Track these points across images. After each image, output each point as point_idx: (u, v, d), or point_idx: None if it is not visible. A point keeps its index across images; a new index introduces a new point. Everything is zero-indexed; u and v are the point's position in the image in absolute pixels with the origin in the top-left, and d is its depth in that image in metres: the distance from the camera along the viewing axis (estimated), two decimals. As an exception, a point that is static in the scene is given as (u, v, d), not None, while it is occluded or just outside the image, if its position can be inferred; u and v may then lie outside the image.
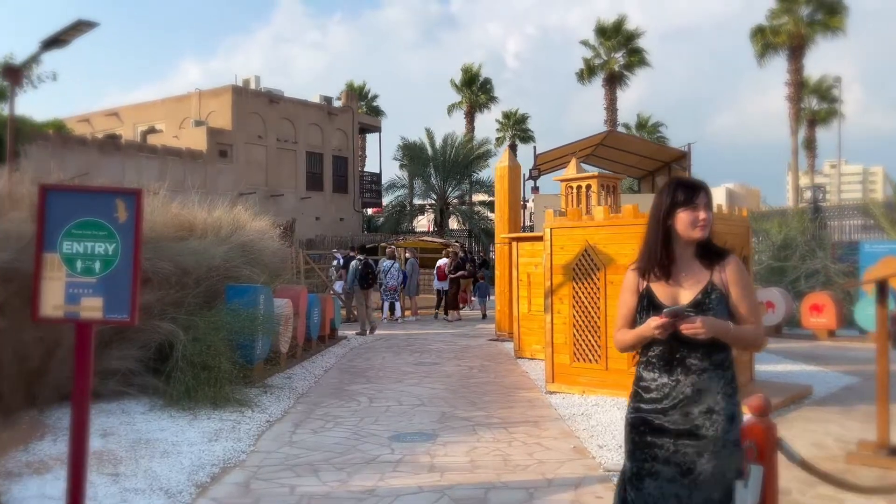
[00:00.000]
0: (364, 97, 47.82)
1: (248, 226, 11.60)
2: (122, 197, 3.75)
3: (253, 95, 32.39)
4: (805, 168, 37.97)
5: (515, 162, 13.60)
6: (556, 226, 8.04)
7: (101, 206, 3.70)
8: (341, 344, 12.81)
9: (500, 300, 13.40)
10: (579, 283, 7.83)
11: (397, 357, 11.35)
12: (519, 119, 49.24)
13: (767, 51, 29.60)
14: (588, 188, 10.49)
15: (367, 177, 39.22)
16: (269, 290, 9.03)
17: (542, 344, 10.27)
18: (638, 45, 35.92)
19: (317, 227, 33.95)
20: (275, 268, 11.28)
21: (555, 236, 8.03)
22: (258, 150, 32.12)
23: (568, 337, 7.92)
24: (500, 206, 13.37)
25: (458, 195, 37.91)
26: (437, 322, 17.47)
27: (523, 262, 10.75)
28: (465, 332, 15.31)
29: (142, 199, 3.75)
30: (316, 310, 11.56)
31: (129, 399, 7.22)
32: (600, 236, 7.68)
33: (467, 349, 12.20)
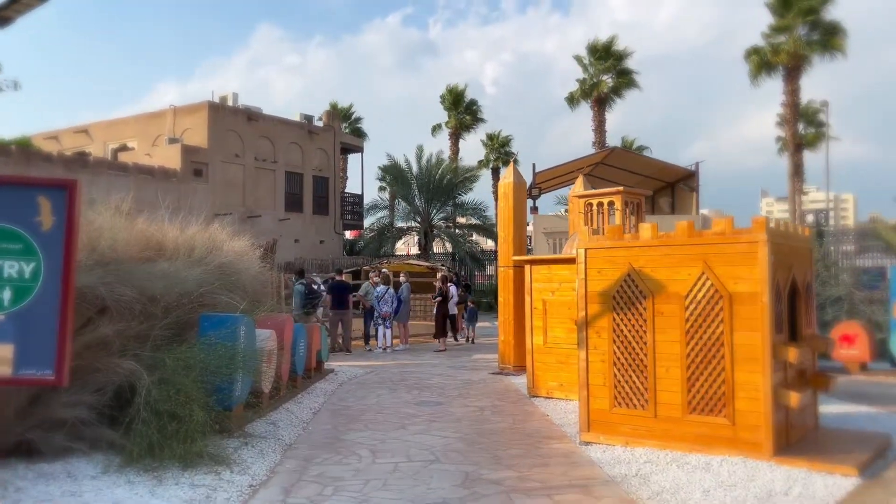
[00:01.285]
0: (348, 118, 46.75)
1: (226, 246, 10.31)
2: (47, 193, 2.49)
3: (230, 112, 31.10)
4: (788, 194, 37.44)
5: (520, 177, 12.46)
6: (592, 246, 6.85)
7: (13, 205, 2.42)
8: (329, 379, 11.46)
9: (504, 330, 12.16)
10: (621, 313, 6.64)
11: (394, 395, 10.04)
12: (503, 141, 48.42)
13: (762, 71, 28.99)
14: (611, 205, 9.37)
15: (349, 198, 37.99)
16: (251, 321, 7.73)
17: (560, 381, 9.07)
18: (627, 66, 35.29)
19: (296, 249, 32.54)
20: (256, 293, 9.96)
21: (591, 258, 6.84)
22: (235, 170, 30.76)
23: (607, 378, 6.70)
24: (504, 225, 12.19)
25: (443, 217, 36.77)
26: (428, 352, 16.16)
27: (538, 287, 9.55)
28: (461, 363, 14.03)
29: (77, 196, 2.51)
30: (302, 341, 10.24)
31: (77, 457, 5.86)
32: (647, 258, 6.51)
33: (470, 385, 10.93)
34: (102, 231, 7.15)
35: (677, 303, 6.33)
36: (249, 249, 11.26)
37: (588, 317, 6.83)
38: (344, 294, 16.13)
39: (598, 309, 6.77)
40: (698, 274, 6.24)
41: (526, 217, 12.81)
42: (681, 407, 6.29)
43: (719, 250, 6.16)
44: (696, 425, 6.21)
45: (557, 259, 9.39)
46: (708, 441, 6.15)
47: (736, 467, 5.77)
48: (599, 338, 6.75)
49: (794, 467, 5.74)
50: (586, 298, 6.84)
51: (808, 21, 27.93)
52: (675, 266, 6.36)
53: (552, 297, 9.38)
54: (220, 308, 8.13)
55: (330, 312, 16.12)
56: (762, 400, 5.92)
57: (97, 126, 34.02)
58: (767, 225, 6.01)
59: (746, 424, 5.98)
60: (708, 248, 6.22)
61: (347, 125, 45.08)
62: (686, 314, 6.29)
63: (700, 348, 6.23)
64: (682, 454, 6.15)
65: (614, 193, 9.34)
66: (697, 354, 6.24)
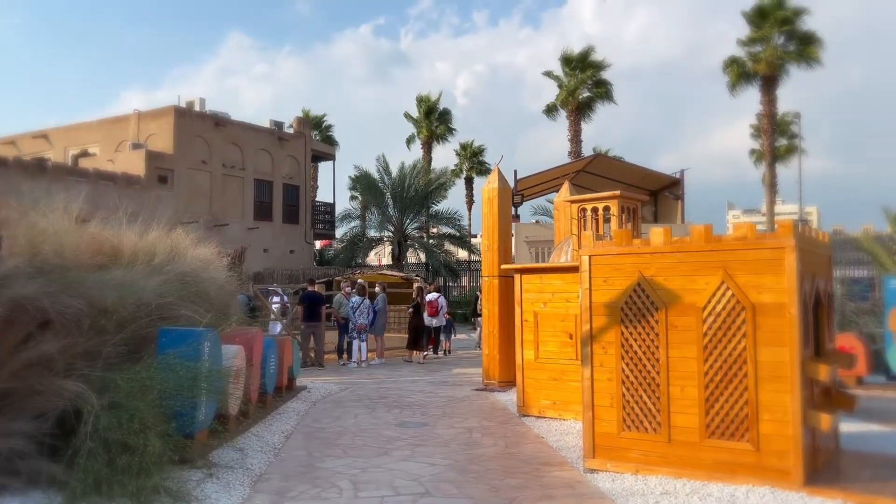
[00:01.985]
0: (319, 126, 45.91)
1: (190, 253, 9.52)
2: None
3: (197, 118, 30.12)
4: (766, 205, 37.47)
5: (505, 182, 11.84)
6: (598, 252, 6.22)
7: None
8: (301, 397, 10.67)
9: (488, 343, 11.49)
10: (630, 326, 6.01)
11: (373, 414, 9.29)
12: (476, 151, 47.98)
13: (741, 81, 28.84)
14: (606, 210, 8.78)
15: (321, 207, 37.13)
16: (216, 336, 6.95)
17: (553, 399, 8.41)
18: (603, 77, 35.05)
19: (265, 259, 31.60)
20: (223, 305, 9.16)
21: (596, 266, 6.21)
22: (202, 176, 29.77)
23: (615, 398, 6.06)
24: (489, 233, 11.55)
25: (417, 227, 36.05)
26: (408, 366, 15.43)
27: (529, 298, 8.90)
28: (441, 378, 13.32)
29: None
30: (272, 357, 9.46)
31: (12, 495, 5.04)
32: (659, 266, 5.89)
33: (454, 403, 10.23)
34: (46, 235, 6.34)
35: (693, 315, 5.72)
36: (216, 257, 10.48)
37: (593, 331, 6.18)
38: (316, 306, 15.33)
39: (604, 322, 6.14)
40: (717, 283, 5.64)
41: (511, 224, 12.18)
42: (698, 430, 5.67)
43: (741, 257, 5.57)
44: (716, 451, 5.59)
45: (550, 268, 8.77)
46: (729, 469, 5.53)
47: (765, 499, 5.16)
48: (606, 354, 6.11)
49: (828, 499, 5.14)
50: (591, 310, 6.20)
51: (784, 31, 27.89)
52: (691, 274, 5.75)
53: (544, 309, 8.74)
54: (183, 321, 7.34)
55: (301, 325, 15.32)
56: (791, 423, 5.32)
57: (57, 131, 32.80)
58: (795, 229, 5.44)
59: (773, 450, 5.38)
60: (728, 255, 5.62)
61: (319, 133, 44.28)
62: (703, 327, 5.68)
63: (720, 365, 5.62)
64: (702, 483, 5.53)
65: (610, 198, 8.75)
66: (717, 372, 5.63)
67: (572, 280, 8.50)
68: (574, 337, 8.44)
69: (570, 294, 8.52)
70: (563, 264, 8.70)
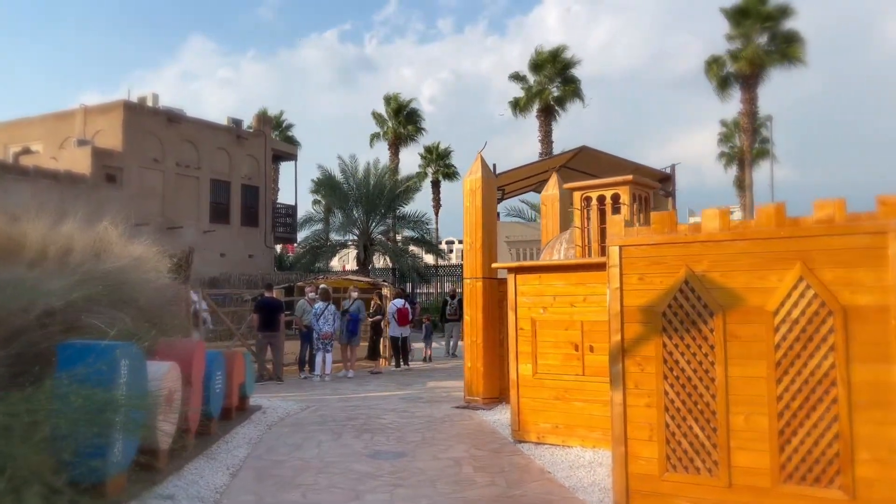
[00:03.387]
0: (279, 126, 44.15)
1: (120, 250, 7.95)
2: None
3: (149, 113, 28.20)
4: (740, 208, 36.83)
5: (489, 172, 10.46)
6: (631, 242, 4.86)
7: None
8: (255, 419, 9.13)
9: (471, 355, 10.08)
10: (675, 336, 4.66)
11: (340, 441, 7.82)
12: (442, 153, 46.59)
13: (724, 81, 27.99)
14: (615, 200, 7.46)
15: (281, 209, 35.38)
16: (139, 350, 5.43)
17: (556, 422, 7.04)
18: (573, 74, 34.04)
19: (222, 263, 29.74)
20: (158, 313, 7.59)
21: (628, 260, 4.85)
22: (154, 176, 27.85)
23: (656, 429, 4.70)
24: (472, 229, 10.16)
25: (383, 231, 34.53)
26: (376, 379, 13.94)
27: (525, 303, 7.52)
28: (416, 393, 11.87)
29: None
30: (219, 373, 7.92)
31: None
32: (714, 258, 4.56)
33: (434, 424, 8.80)
34: None
35: (762, 321, 4.40)
36: (153, 256, 8.91)
37: (625, 342, 4.82)
38: (274, 313, 13.77)
39: (639, 331, 4.78)
40: (794, 280, 4.33)
41: (496, 219, 10.82)
42: (770, 473, 4.34)
43: (826, 245, 4.27)
44: (795, 500, 4.27)
45: (552, 266, 7.40)
46: (813, 524, 4.21)
47: (872, 569, 3.84)
48: (643, 372, 4.75)
49: (955, 567, 3.85)
50: (622, 316, 4.83)
51: (766, 28, 27.13)
52: (757, 269, 4.43)
53: (543, 315, 7.37)
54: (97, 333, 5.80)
55: (258, 335, 13.75)
56: (898, 464, 4.03)
57: (-3, 127, 30.55)
58: (900, 207, 4.15)
59: (875, 499, 4.07)
60: (808, 243, 4.32)
61: (279, 133, 42.53)
62: (776, 338, 4.36)
63: (798, 387, 4.30)
64: (779, 545, 4.20)
65: (620, 184, 7.43)
66: (794, 396, 4.31)
67: (577, 281, 7.17)
68: (580, 348, 7.09)
69: (575, 297, 7.17)
70: (568, 262, 7.35)
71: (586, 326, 7.07)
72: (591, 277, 7.03)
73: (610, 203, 7.53)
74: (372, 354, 15.12)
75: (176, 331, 8.39)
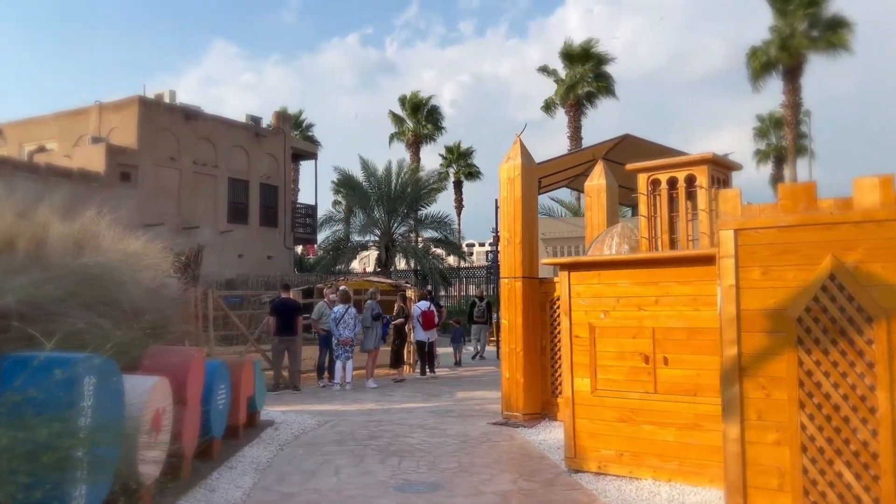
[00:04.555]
0: (299, 125, 43.29)
1: (110, 245, 6.89)
2: None
3: (165, 110, 27.36)
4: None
5: (530, 159, 9.28)
6: (751, 225, 3.68)
7: None
8: (265, 438, 8.02)
9: (509, 364, 8.91)
10: (817, 351, 3.48)
11: (361, 467, 6.68)
12: (464, 153, 45.43)
13: (765, 72, 26.52)
14: (689, 183, 6.27)
15: (301, 209, 34.40)
16: (112, 364, 4.33)
17: (621, 449, 5.85)
18: (605, 70, 32.74)
19: (240, 265, 28.84)
20: (151, 316, 6.50)
21: (747, 248, 3.67)
22: (170, 174, 26.99)
23: (789, 474, 3.52)
24: (510, 222, 8.99)
25: (405, 231, 33.44)
26: (400, 388, 12.80)
27: (582, 306, 6.33)
28: (444, 405, 10.72)
29: None
30: (222, 387, 6.82)
31: None
32: (873, 245, 3.37)
33: (471, 446, 7.63)
34: None
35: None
36: (152, 253, 7.86)
37: (743, 358, 3.63)
38: (292, 316, 12.69)
39: (764, 342, 3.60)
40: None
41: (537, 211, 9.63)
42: (959, 541, 3.13)
43: None
44: None
45: (616, 261, 6.19)
46: None
47: None
48: (769, 398, 3.57)
49: None
50: (739, 323, 3.66)
51: (808, 15, 25.62)
52: (937, 258, 3.22)
53: (604, 321, 6.18)
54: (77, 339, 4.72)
55: (274, 339, 12.67)
56: None
57: (12, 126, 29.90)
58: None
59: None
60: None
61: (298, 133, 41.62)
62: (967, 354, 3.15)
63: None
64: None
65: (698, 163, 6.22)
66: None
67: (647, 279, 5.97)
68: (651, 360, 5.89)
69: (644, 299, 5.98)
70: (638, 256, 6.15)
71: (658, 334, 5.87)
72: (665, 275, 5.84)
73: (683, 187, 6.33)
74: (395, 361, 13.98)
75: (174, 338, 7.32)
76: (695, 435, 5.64)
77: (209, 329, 11.71)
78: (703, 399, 5.61)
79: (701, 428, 5.61)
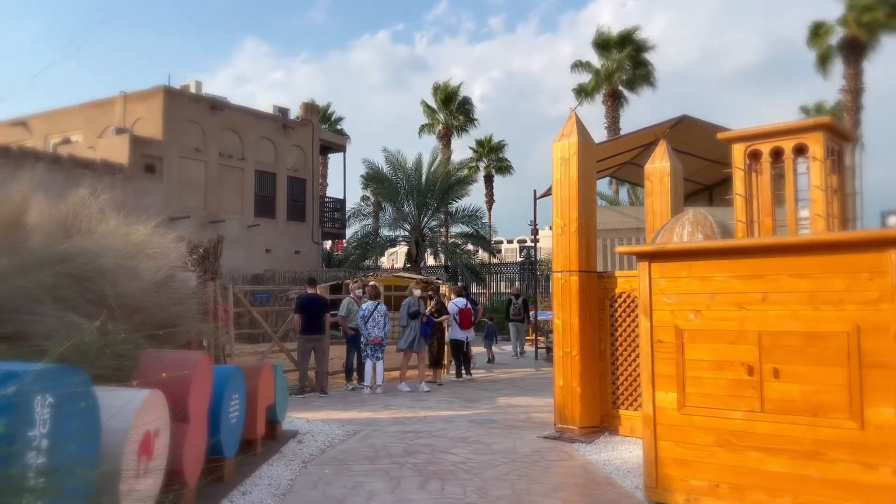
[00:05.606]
0: (327, 119, 42.48)
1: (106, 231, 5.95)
2: None
3: (190, 100, 26.64)
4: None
5: (588, 135, 8.16)
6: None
7: None
8: (286, 452, 7.03)
9: (564, 370, 7.80)
10: None
11: (398, 493, 5.65)
12: (495, 147, 44.22)
13: (832, 54, 24.76)
14: (798, 152, 5.11)
15: (329, 203, 33.57)
16: (80, 378, 3.33)
17: (718, 479, 4.75)
18: (645, 58, 31.33)
19: (267, 260, 28.09)
20: (150, 314, 5.52)
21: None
22: (195, 167, 26.27)
23: None
24: (565, 207, 7.88)
25: (435, 226, 32.41)
26: (436, 393, 11.75)
27: (666, 304, 5.22)
28: (486, 412, 9.67)
29: None
30: (235, 396, 5.83)
31: None
32: None
33: (522, 465, 6.56)
34: None
35: None
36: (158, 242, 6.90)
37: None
38: (319, 313, 11.73)
39: None
40: None
41: (595, 195, 8.51)
42: None
43: None
44: None
45: (713, 249, 5.05)
46: None
47: None
48: None
49: None
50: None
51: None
52: None
53: (696, 322, 5.05)
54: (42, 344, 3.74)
55: (300, 338, 11.73)
56: None
57: (37, 118, 29.40)
58: None
59: None
60: None
61: (327, 126, 40.79)
62: None
63: None
64: None
65: (810, 129, 5.08)
66: None
67: (751, 271, 4.83)
68: (756, 372, 4.76)
69: (748, 296, 4.84)
70: (746, 242, 5.01)
71: (766, 339, 4.74)
72: (775, 266, 4.71)
73: (791, 159, 5.17)
74: (434, 362, 12.90)
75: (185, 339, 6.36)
76: (815, 466, 4.51)
77: (229, 328, 10.77)
78: (827, 421, 4.48)
79: (823, 457, 4.48)
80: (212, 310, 10.36)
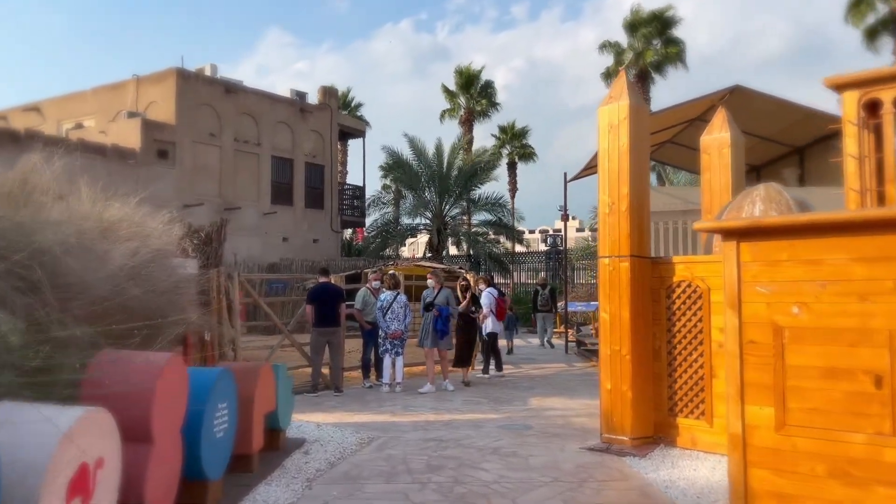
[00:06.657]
0: (347, 105, 41.45)
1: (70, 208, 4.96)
2: None
3: (204, 83, 25.76)
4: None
5: (640, 99, 7.02)
6: None
7: None
8: (289, 466, 6.02)
9: (612, 371, 6.70)
10: None
11: (419, 526, 4.61)
12: (518, 133, 42.94)
13: (880, 29, 23.30)
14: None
15: (349, 190, 32.60)
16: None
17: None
18: (675, 35, 29.94)
19: (284, 248, 27.22)
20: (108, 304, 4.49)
21: None
22: (210, 152, 25.40)
23: None
24: (613, 182, 6.76)
25: (457, 213, 31.33)
26: (461, 393, 10.68)
27: (761, 294, 4.10)
28: (518, 415, 8.61)
29: None
30: (221, 406, 4.81)
31: None
32: None
33: (567, 486, 5.49)
34: None
35: None
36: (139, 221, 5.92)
37: None
38: (334, 304, 10.73)
39: None
40: None
41: (649, 168, 7.37)
42: None
43: None
44: None
45: (824, 223, 3.93)
46: None
47: None
48: None
49: None
50: None
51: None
52: None
53: (802, 318, 3.94)
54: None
55: (313, 331, 10.73)
56: None
57: (50, 103, 28.73)
58: None
59: None
60: None
61: (347, 113, 39.77)
62: None
63: None
64: None
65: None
66: None
67: (878, 252, 3.71)
68: (885, 383, 3.64)
69: (872, 284, 3.72)
70: (872, 214, 3.89)
71: (900, 341, 3.60)
72: (914, 245, 3.57)
73: (923, 108, 4.01)
74: (461, 360, 11.78)
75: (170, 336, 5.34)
76: (971, 510, 3.39)
77: (233, 320, 9.78)
78: None
79: (983, 499, 3.36)
80: (215, 300, 9.42)
